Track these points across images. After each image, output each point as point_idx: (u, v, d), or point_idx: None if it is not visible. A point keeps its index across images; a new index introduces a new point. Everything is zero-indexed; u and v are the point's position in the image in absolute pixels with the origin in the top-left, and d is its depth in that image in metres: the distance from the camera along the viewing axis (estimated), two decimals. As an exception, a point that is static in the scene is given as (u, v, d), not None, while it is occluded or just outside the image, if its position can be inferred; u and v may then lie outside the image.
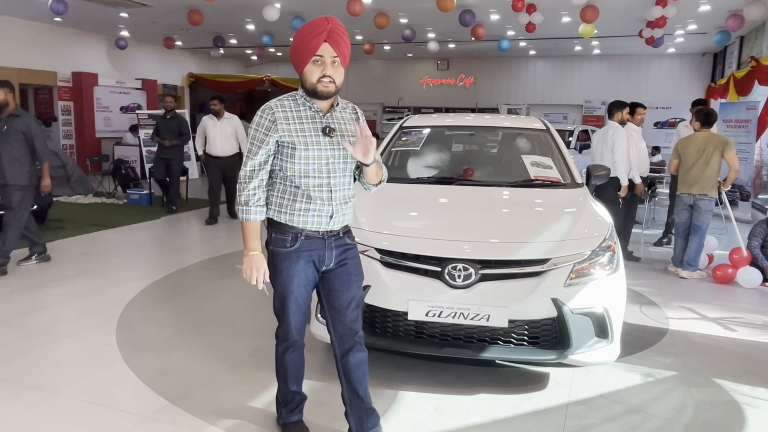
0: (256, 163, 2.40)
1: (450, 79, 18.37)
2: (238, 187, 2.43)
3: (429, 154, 4.56)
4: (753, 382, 3.50)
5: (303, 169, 2.39)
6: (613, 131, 6.23)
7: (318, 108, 2.42)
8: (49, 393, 3.13)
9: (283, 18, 10.61)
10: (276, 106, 2.40)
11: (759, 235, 5.89)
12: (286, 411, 2.75)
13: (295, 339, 2.60)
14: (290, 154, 2.38)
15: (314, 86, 2.35)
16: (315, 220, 2.43)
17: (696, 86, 15.48)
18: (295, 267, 2.45)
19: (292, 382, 2.68)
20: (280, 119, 2.37)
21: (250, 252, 2.42)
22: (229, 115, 8.25)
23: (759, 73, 9.40)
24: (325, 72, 2.34)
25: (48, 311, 4.44)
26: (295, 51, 2.38)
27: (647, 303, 5.02)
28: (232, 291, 5.07)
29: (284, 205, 2.43)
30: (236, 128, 8.23)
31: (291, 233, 2.44)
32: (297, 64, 2.39)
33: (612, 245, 3.26)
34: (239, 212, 2.43)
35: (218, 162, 8.21)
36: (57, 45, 13.26)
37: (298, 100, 2.43)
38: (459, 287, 3.02)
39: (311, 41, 2.31)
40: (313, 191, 2.40)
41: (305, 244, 2.44)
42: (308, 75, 2.36)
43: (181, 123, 9.01)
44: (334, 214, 2.45)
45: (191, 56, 17.72)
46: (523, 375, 3.48)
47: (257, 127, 2.40)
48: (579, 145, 11.49)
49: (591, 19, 9.45)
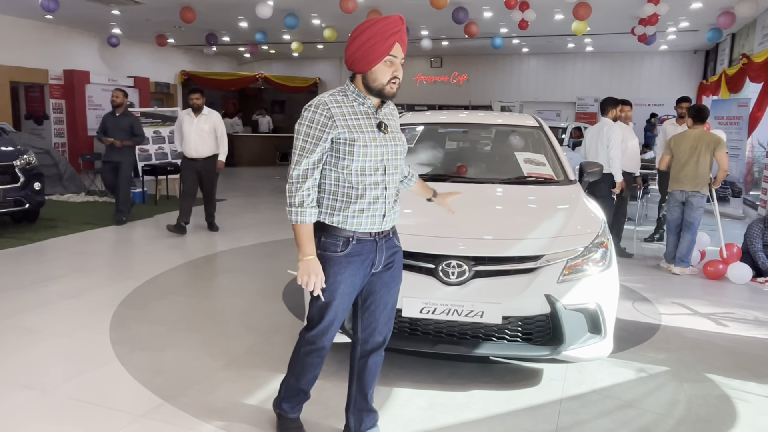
0: (311, 161, 2.27)
1: (443, 77, 18.39)
2: (289, 187, 2.29)
3: (422, 151, 4.56)
4: (744, 377, 3.53)
5: (361, 165, 2.30)
6: (608, 128, 6.26)
7: (372, 104, 2.36)
8: (42, 392, 3.12)
9: (276, 15, 10.59)
10: (331, 102, 2.29)
11: (758, 237, 5.90)
12: (288, 405, 2.69)
13: (323, 345, 2.50)
14: (348, 151, 2.28)
15: (383, 87, 2.30)
16: (369, 221, 2.35)
17: (688, 83, 15.56)
18: (343, 273, 2.36)
19: (304, 381, 2.61)
20: (338, 115, 2.27)
21: (306, 257, 2.29)
22: (209, 111, 7.24)
23: (750, 70, 9.47)
24: (396, 73, 2.30)
25: (41, 310, 4.41)
26: (365, 48, 2.26)
27: (640, 299, 5.05)
28: (225, 289, 5.07)
29: (337, 207, 2.33)
30: (215, 126, 7.21)
31: (342, 237, 2.35)
32: (364, 62, 2.27)
33: (605, 242, 3.27)
34: (291, 214, 2.28)
35: (193, 164, 7.18)
36: (48, 42, 13.19)
37: (349, 95, 2.34)
38: (453, 284, 3.03)
39: (386, 41, 2.24)
40: (369, 189, 2.33)
41: (356, 248, 2.36)
42: (379, 75, 2.28)
43: (134, 121, 7.86)
44: (386, 213, 2.39)
45: (184, 54, 17.66)
46: (517, 371, 3.50)
47: (312, 124, 2.26)
48: (572, 142, 11.53)
49: (584, 16, 9.48)
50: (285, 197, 2.34)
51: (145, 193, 9.94)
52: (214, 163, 7.28)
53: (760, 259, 5.76)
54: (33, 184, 7.29)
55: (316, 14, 11.71)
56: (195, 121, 7.11)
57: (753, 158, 11.13)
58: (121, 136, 7.68)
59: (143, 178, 10.09)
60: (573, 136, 11.69)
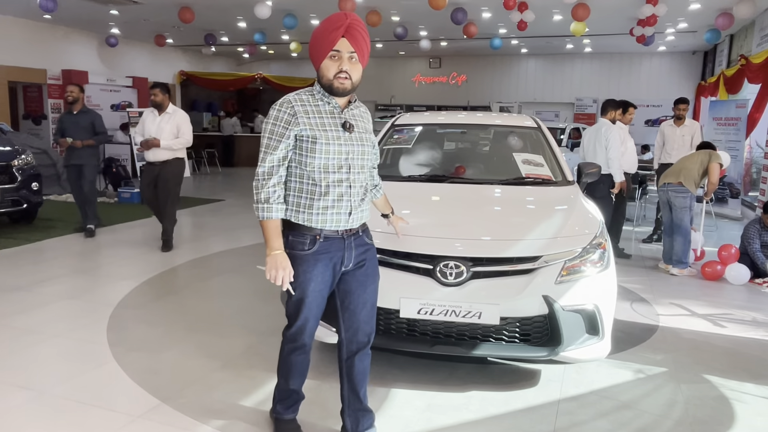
0: (275, 158, 2.32)
1: (442, 77, 18.37)
2: (256, 184, 2.33)
3: (421, 151, 4.56)
4: (741, 378, 3.53)
5: (323, 163, 2.34)
6: (606, 128, 6.26)
7: (337, 104, 2.40)
8: (39, 393, 3.11)
9: (275, 16, 10.58)
10: (295, 100, 2.35)
11: (755, 237, 5.91)
12: (282, 407, 2.72)
13: (305, 342, 2.54)
14: (311, 148, 2.33)
15: (330, 82, 2.33)
16: (334, 219, 2.39)
17: (686, 84, 15.57)
18: (312, 271, 2.39)
19: (292, 381, 2.64)
20: (300, 113, 2.32)
21: (273, 251, 2.32)
22: (174, 109, 6.41)
23: (748, 72, 9.47)
24: (342, 67, 2.31)
25: (38, 311, 4.41)
26: (313, 46, 2.34)
27: (638, 300, 5.05)
28: (223, 290, 5.06)
29: (302, 204, 2.37)
30: (179, 126, 6.32)
31: (309, 235, 2.38)
32: (314, 59, 2.35)
33: (603, 242, 3.27)
34: (258, 211, 2.33)
35: (150, 170, 6.33)
36: (47, 42, 13.17)
37: (315, 95, 2.39)
38: (451, 285, 3.03)
39: (329, 35, 2.29)
40: (333, 186, 2.36)
41: (324, 246, 2.39)
42: (325, 70, 2.33)
43: (95, 118, 7.09)
44: (353, 210, 2.42)
45: (182, 54, 17.64)
46: (515, 372, 3.50)
47: (276, 122, 2.32)
48: (570, 143, 11.53)
49: (582, 17, 9.49)
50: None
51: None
52: (175, 168, 6.36)
53: (759, 260, 5.76)
54: (31, 184, 7.29)
55: (315, 14, 11.70)
56: (158, 120, 6.30)
57: (751, 159, 11.14)
58: (82, 136, 6.93)
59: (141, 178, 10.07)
60: (571, 137, 11.69)
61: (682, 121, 7.38)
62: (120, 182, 10.68)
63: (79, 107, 7.05)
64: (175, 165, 6.35)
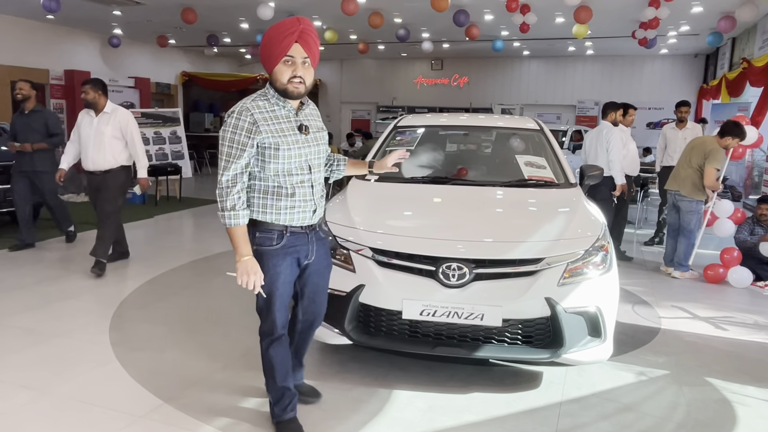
0: (239, 166, 2.37)
1: (444, 79, 18.40)
2: (220, 192, 2.38)
3: (423, 153, 4.57)
4: (743, 381, 3.53)
5: (287, 168, 2.42)
6: (607, 130, 6.26)
7: (291, 107, 2.47)
8: (41, 392, 3.12)
9: (278, 16, 10.60)
10: (252, 107, 2.39)
11: (744, 229, 6.01)
12: (279, 409, 2.73)
13: (280, 333, 2.63)
14: (274, 155, 2.40)
15: (285, 86, 2.39)
16: (300, 216, 2.49)
17: (688, 87, 15.58)
18: (281, 264, 2.50)
19: (280, 377, 2.68)
20: (260, 120, 2.38)
21: (243, 257, 2.39)
22: (113, 108, 5.38)
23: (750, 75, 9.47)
24: (296, 72, 2.38)
25: (40, 310, 4.41)
26: (266, 50, 2.38)
27: (640, 302, 5.05)
28: (225, 290, 5.06)
29: (268, 205, 2.45)
30: (123, 129, 5.34)
31: (276, 231, 2.47)
32: (267, 63, 2.40)
33: (605, 245, 3.28)
34: (225, 218, 2.38)
35: (91, 180, 5.47)
36: (49, 43, 13.19)
37: (270, 99, 2.44)
38: (453, 286, 3.03)
39: (282, 41, 2.33)
40: (297, 188, 2.46)
41: (290, 240, 2.49)
42: (279, 75, 2.38)
43: (49, 119, 6.23)
44: (317, 208, 2.55)
45: (185, 55, 17.67)
46: (517, 374, 3.50)
47: (237, 131, 2.36)
48: (572, 145, 11.54)
49: (584, 19, 9.50)
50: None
51: (146, 194, 9.93)
52: (117, 179, 5.41)
53: (747, 241, 5.84)
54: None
55: (318, 16, 11.73)
56: (94, 122, 5.33)
57: (753, 162, 11.13)
58: (34, 138, 6.06)
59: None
60: (573, 140, 11.70)
61: (684, 124, 7.38)
62: (122, 182, 10.67)
63: (30, 106, 6.13)
64: (117, 175, 5.41)
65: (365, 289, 3.10)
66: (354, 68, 19.29)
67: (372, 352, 3.65)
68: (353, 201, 3.68)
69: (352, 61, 19.15)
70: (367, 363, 3.55)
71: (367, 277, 3.12)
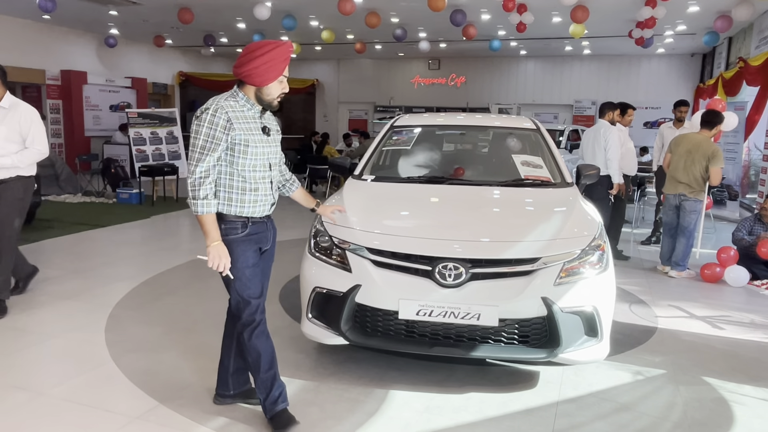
0: (213, 159, 2.57)
1: (441, 79, 18.40)
2: (193, 182, 2.55)
3: (420, 153, 4.56)
4: (740, 380, 3.53)
5: (253, 163, 2.65)
6: (605, 129, 6.26)
7: (258, 111, 2.71)
8: (36, 393, 3.10)
9: (274, 17, 10.59)
10: (227, 106, 2.60)
11: (745, 226, 6.04)
12: (270, 403, 2.75)
13: (260, 318, 2.73)
14: (243, 151, 2.62)
15: (273, 100, 2.69)
16: (260, 209, 2.72)
17: (685, 86, 15.60)
18: (248, 251, 2.69)
19: (266, 366, 2.72)
20: (234, 118, 2.59)
21: (213, 242, 2.59)
22: (12, 102, 4.23)
23: (747, 74, 9.48)
24: (284, 90, 2.70)
25: (36, 311, 4.40)
26: (264, 68, 2.58)
27: (636, 302, 5.05)
28: (221, 290, 5.00)
29: (233, 198, 2.65)
30: (23, 128, 4.24)
31: (240, 221, 2.68)
32: (261, 79, 2.61)
33: (601, 244, 3.27)
34: (197, 207, 2.56)
35: None
36: (45, 43, 13.16)
37: (239, 101, 2.66)
38: (450, 286, 3.02)
39: (281, 63, 2.62)
40: (260, 183, 2.69)
41: (253, 229, 2.71)
42: (272, 90, 2.66)
43: None
44: (274, 201, 2.81)
45: (182, 55, 17.64)
46: (514, 374, 3.50)
47: (213, 126, 2.55)
48: (569, 144, 11.54)
49: (581, 19, 9.50)
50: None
51: (142, 194, 9.92)
52: (14, 191, 4.30)
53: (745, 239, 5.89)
54: (29, 184, 7.22)
55: (314, 16, 11.71)
56: None
57: (749, 161, 11.16)
58: None
59: (140, 179, 10.08)
60: (570, 139, 11.70)
61: (682, 124, 7.38)
62: (119, 183, 10.66)
63: None
64: (15, 188, 4.29)
65: (361, 289, 3.10)
66: (351, 68, 19.28)
67: (368, 352, 3.64)
68: (349, 201, 3.67)
69: (349, 61, 19.14)
70: (364, 363, 3.54)
71: (364, 278, 3.11)
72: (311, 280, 3.30)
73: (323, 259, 3.31)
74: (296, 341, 3.82)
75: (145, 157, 10.81)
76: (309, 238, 3.49)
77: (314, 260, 3.35)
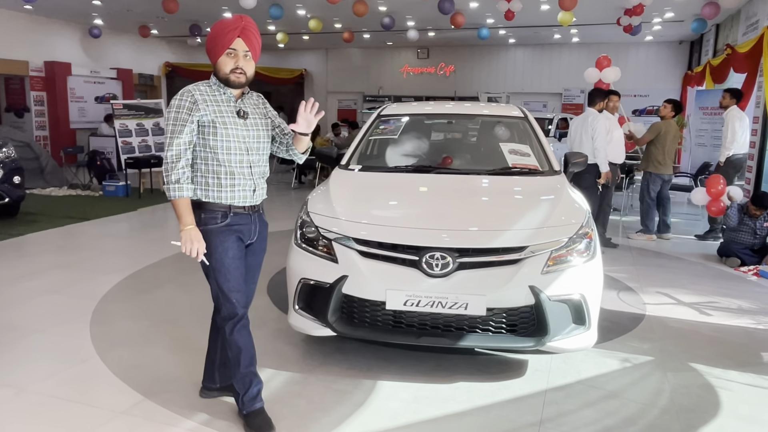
0: (182, 142, 2.54)
1: (430, 68, 18.32)
2: (166, 167, 2.54)
3: (407, 142, 4.52)
4: (726, 366, 3.55)
5: (225, 145, 2.59)
6: (592, 118, 6.26)
7: (231, 94, 2.65)
8: (20, 389, 3.06)
9: (260, 5, 10.47)
10: (194, 89, 2.60)
11: (735, 216, 6.07)
12: (248, 398, 2.70)
13: (242, 313, 2.67)
14: (212, 132, 2.58)
15: (227, 76, 2.59)
16: (241, 195, 2.64)
17: (673, 74, 15.63)
18: (227, 241, 2.62)
19: (246, 361, 2.68)
20: (200, 101, 2.57)
21: (186, 227, 2.55)
22: None
23: (734, 61, 9.49)
24: (238, 64, 2.58)
25: (20, 306, 4.34)
26: (211, 43, 2.60)
27: (624, 289, 5.06)
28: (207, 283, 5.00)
29: (210, 184, 2.61)
30: None
31: (220, 211, 2.62)
32: (212, 55, 2.61)
33: (589, 232, 3.26)
34: (170, 191, 2.53)
35: None
36: (28, 33, 12.95)
37: (212, 86, 2.64)
38: (437, 276, 3.00)
39: (226, 36, 2.55)
40: (236, 167, 2.62)
41: (234, 219, 2.64)
42: (222, 65, 2.58)
43: None
44: (256, 188, 2.69)
45: (167, 45, 17.44)
46: (502, 362, 3.49)
47: (178, 109, 2.55)
48: (558, 133, 11.55)
49: (569, 6, 9.46)
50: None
51: (129, 186, 9.82)
52: None
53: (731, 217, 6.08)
54: (12, 177, 7.18)
55: (301, 4, 11.60)
56: None
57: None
58: None
59: (126, 172, 9.97)
60: (559, 127, 11.71)
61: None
62: (105, 175, 10.55)
63: None
64: None
65: (348, 280, 3.07)
66: (340, 58, 19.15)
67: (356, 343, 3.62)
68: (336, 191, 3.64)
69: (337, 51, 19.01)
70: (351, 354, 3.52)
71: (350, 268, 3.09)
72: (297, 272, 3.27)
73: (309, 250, 3.28)
74: (284, 333, 3.79)
75: (131, 149, 10.69)
76: (295, 229, 3.46)
77: (300, 251, 3.31)
